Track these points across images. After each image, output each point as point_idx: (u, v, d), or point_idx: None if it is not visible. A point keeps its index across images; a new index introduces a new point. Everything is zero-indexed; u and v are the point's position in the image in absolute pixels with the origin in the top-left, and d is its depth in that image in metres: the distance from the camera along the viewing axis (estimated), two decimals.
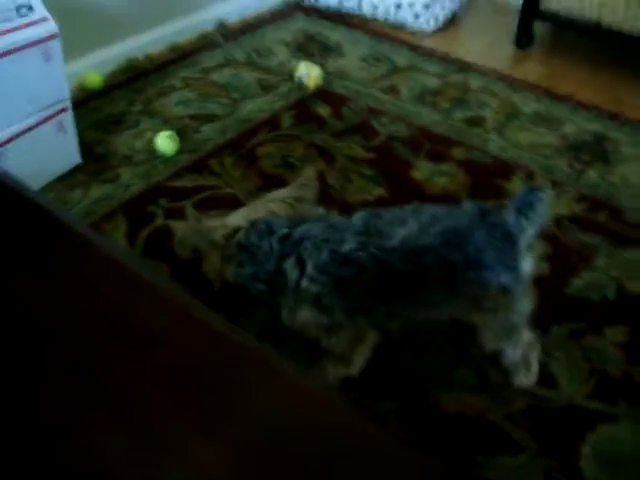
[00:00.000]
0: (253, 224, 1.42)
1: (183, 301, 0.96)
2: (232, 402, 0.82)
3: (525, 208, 1.35)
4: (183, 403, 0.82)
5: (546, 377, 1.53)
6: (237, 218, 1.47)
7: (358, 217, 1.39)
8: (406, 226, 1.34)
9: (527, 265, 1.37)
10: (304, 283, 1.35)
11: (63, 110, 1.96)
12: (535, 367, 1.50)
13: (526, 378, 1.50)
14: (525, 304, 1.40)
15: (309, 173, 1.60)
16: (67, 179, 2.03)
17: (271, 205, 1.49)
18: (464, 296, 1.38)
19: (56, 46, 1.84)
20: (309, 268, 1.34)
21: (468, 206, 1.39)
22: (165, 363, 0.86)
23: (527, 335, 1.48)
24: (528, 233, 1.36)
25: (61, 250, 1.03)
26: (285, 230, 1.38)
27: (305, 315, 1.38)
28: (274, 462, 0.76)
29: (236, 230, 1.44)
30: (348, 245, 1.33)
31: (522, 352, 1.47)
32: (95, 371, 0.85)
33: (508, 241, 1.33)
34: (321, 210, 1.49)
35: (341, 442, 0.79)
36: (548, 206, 1.40)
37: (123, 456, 0.76)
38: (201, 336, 0.91)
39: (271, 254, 1.37)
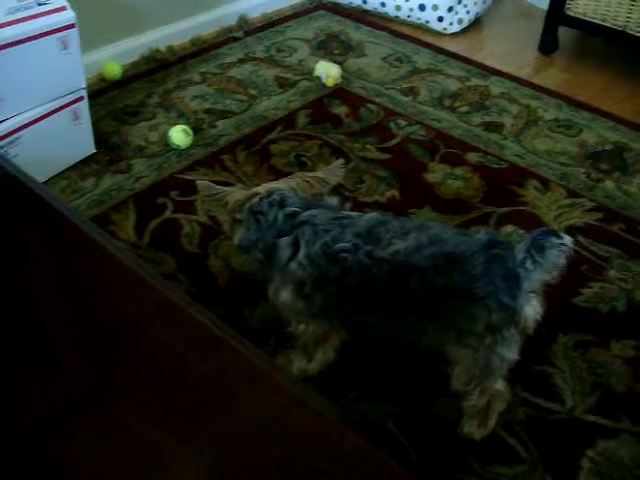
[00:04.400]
0: (269, 193, 1.39)
1: (175, 298, 0.96)
2: (214, 405, 0.81)
3: (535, 250, 1.24)
4: (164, 404, 0.81)
5: (548, 388, 1.50)
6: (258, 188, 1.44)
7: (366, 218, 1.36)
8: (405, 240, 1.28)
9: (529, 310, 1.27)
10: (292, 265, 1.33)
11: (79, 99, 1.97)
12: (492, 423, 1.40)
13: (477, 432, 1.40)
14: (512, 351, 1.30)
15: (339, 161, 1.54)
16: (80, 168, 2.04)
17: (291, 181, 1.45)
18: (445, 326, 1.30)
19: (73, 35, 1.85)
20: (301, 253, 1.32)
21: (481, 234, 1.30)
22: (150, 361, 0.86)
23: (500, 384, 1.39)
24: (534, 276, 1.25)
25: (58, 242, 1.04)
26: (295, 208, 1.36)
27: (285, 296, 1.37)
28: (254, 471, 0.76)
29: (251, 197, 1.41)
30: (342, 244, 1.30)
31: (487, 402, 1.38)
32: (76, 366, 0.85)
33: (508, 279, 1.24)
34: (334, 200, 1.46)
35: (327, 452, 0.78)
36: (562, 254, 1.25)
37: (101, 457, 0.76)
38: (189, 334, 0.90)
39: (274, 226, 1.36)
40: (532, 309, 1.29)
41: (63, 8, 1.83)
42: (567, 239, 1.27)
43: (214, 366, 0.87)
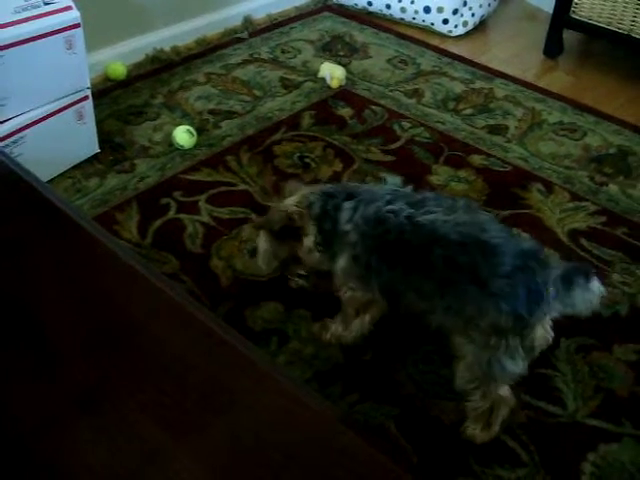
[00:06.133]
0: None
1: (177, 298, 0.96)
2: (216, 406, 0.81)
3: (564, 284, 1.24)
4: (165, 405, 0.81)
5: (550, 392, 1.50)
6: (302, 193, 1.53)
7: (422, 193, 1.43)
8: (448, 214, 1.32)
9: (540, 331, 1.29)
10: (348, 227, 1.40)
11: (83, 99, 1.97)
12: (496, 429, 1.39)
13: (479, 436, 1.39)
14: (516, 364, 1.28)
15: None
16: (84, 167, 2.04)
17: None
18: (456, 310, 1.30)
19: (78, 35, 1.85)
20: (357, 215, 1.39)
21: (529, 242, 1.32)
22: (151, 361, 0.86)
23: (504, 390, 1.37)
24: (554, 305, 1.26)
25: (61, 241, 1.04)
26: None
27: (343, 262, 1.42)
28: (254, 472, 0.76)
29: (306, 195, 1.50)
30: (390, 206, 1.35)
31: (490, 406, 1.37)
32: (78, 366, 0.85)
33: (531, 292, 1.23)
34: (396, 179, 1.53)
35: (328, 453, 0.78)
36: (592, 296, 1.25)
37: (102, 457, 0.76)
38: (191, 334, 0.90)
39: (343, 192, 1.46)
40: (544, 332, 1.30)
41: (69, 7, 1.83)
42: (595, 286, 1.25)
43: (216, 367, 0.87)
